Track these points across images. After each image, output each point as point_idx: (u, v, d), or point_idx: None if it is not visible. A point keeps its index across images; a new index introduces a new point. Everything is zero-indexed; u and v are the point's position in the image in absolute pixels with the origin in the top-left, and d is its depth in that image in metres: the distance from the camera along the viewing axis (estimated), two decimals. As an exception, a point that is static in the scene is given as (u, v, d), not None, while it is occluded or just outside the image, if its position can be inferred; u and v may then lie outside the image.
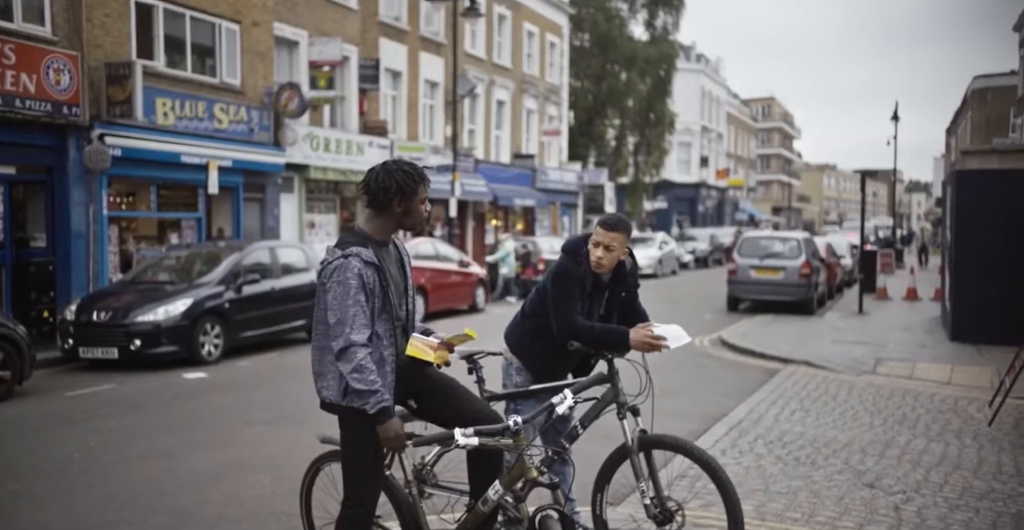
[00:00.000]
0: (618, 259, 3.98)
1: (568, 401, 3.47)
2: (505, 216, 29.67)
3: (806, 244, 17.52)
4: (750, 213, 64.62)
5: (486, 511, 3.45)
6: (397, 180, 3.27)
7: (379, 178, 3.28)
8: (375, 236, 3.34)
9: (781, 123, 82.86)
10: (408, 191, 3.28)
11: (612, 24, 38.10)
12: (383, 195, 3.27)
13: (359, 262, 3.18)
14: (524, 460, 3.34)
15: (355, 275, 3.16)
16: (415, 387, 3.49)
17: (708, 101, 55.34)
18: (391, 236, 3.42)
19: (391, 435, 3.18)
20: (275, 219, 17.96)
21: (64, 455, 6.49)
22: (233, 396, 8.91)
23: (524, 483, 3.38)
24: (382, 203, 3.29)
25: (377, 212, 3.33)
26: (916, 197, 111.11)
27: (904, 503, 5.16)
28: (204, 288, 11.30)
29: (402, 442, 3.22)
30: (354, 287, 3.15)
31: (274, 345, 12.21)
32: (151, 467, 6.14)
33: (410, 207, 3.31)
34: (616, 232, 3.91)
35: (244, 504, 5.32)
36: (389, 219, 3.33)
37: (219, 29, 16.47)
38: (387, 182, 3.27)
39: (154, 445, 6.75)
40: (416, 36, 23.87)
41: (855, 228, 26.25)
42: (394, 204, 3.29)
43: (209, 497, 5.46)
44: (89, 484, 5.75)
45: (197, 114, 15.69)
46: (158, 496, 5.48)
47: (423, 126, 24.65)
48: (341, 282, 3.17)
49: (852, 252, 25.27)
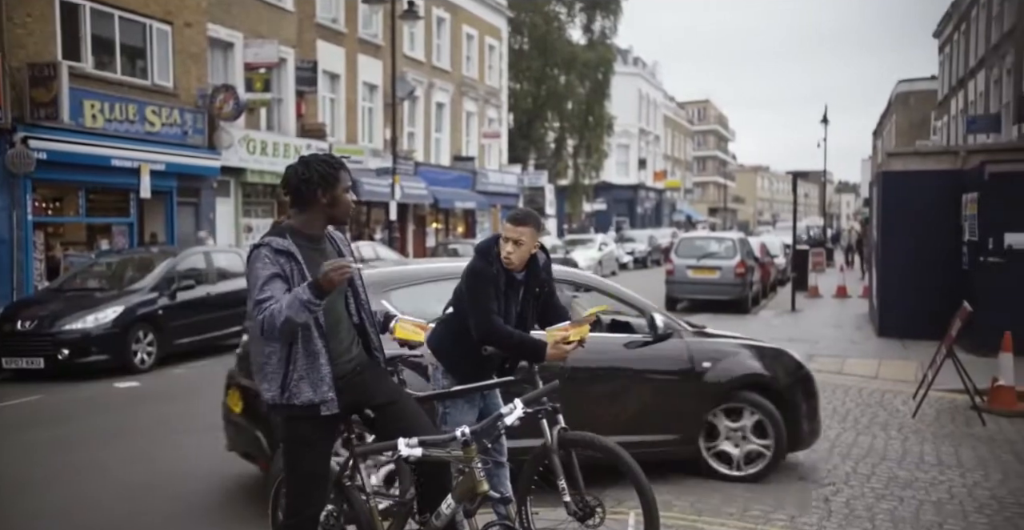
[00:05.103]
0: (528, 254, 3.99)
1: (518, 412, 3.42)
2: (446, 219, 29.62)
3: (741, 244, 17.93)
4: (687, 214, 65.74)
5: (439, 526, 3.41)
6: (318, 170, 3.26)
7: (299, 172, 3.28)
8: (304, 230, 3.31)
9: (716, 126, 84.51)
10: (330, 179, 3.27)
11: (551, 27, 38.42)
12: (306, 187, 3.26)
13: (269, 251, 3.19)
14: (475, 473, 3.29)
15: (263, 262, 3.17)
16: (374, 398, 3.45)
17: (645, 104, 56.14)
18: (324, 231, 3.39)
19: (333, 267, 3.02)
20: (210, 223, 17.61)
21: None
22: (168, 405, 8.71)
23: (475, 497, 3.35)
24: (306, 196, 3.28)
25: (303, 207, 3.32)
26: (846, 197, 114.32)
27: (834, 494, 5.33)
28: (136, 295, 11.03)
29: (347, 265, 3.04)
30: (263, 270, 3.16)
31: (211, 352, 11.96)
32: (81, 480, 5.96)
33: (335, 196, 3.30)
34: (524, 226, 3.93)
35: (180, 516, 5.21)
36: (316, 212, 3.31)
37: (150, 30, 16.10)
38: (307, 173, 3.26)
39: (84, 457, 6.56)
40: (354, 38, 23.69)
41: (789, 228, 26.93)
42: (319, 195, 3.27)
43: (142, 510, 5.33)
44: (14, 500, 5.57)
45: (128, 117, 15.30)
46: (88, 510, 5.33)
47: (362, 129, 24.47)
48: (251, 272, 3.20)
49: (785, 251, 25.92)
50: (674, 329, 5.55)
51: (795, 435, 5.64)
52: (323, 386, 3.23)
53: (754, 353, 5.77)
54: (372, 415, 3.47)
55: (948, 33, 36.48)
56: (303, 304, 3.04)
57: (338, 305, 3.38)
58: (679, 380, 5.51)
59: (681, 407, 5.47)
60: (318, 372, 3.22)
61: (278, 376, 3.22)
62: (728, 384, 5.55)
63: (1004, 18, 25.08)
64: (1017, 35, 23.08)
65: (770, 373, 5.68)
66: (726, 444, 5.57)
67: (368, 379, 3.43)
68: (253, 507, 4.16)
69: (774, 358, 5.85)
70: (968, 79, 31.26)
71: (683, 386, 5.50)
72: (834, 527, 4.78)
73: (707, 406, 5.52)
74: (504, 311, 3.99)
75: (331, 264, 3.04)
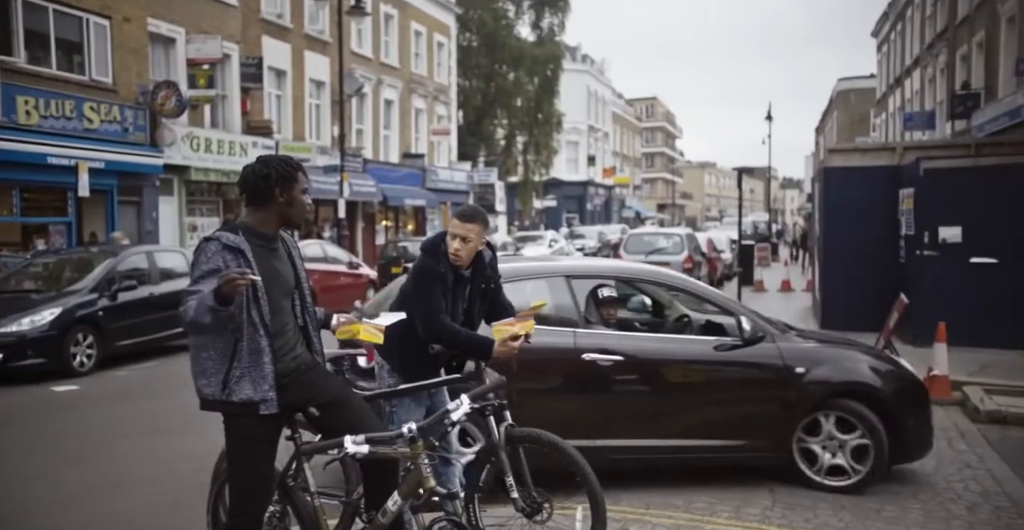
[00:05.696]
0: (475, 250, 4.00)
1: (464, 408, 3.43)
2: (396, 217, 29.44)
3: (688, 240, 18.19)
4: (636, 210, 66.38)
5: (386, 523, 3.40)
6: (276, 168, 3.24)
7: (256, 170, 3.25)
8: (257, 228, 3.27)
9: (664, 123, 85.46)
10: (288, 178, 3.25)
11: (499, 24, 38.44)
12: (263, 184, 3.23)
13: (217, 245, 3.14)
14: (421, 469, 3.29)
15: (206, 256, 3.12)
16: (318, 397, 3.41)
17: (594, 101, 56.51)
18: (277, 230, 3.35)
19: (226, 279, 2.91)
20: (153, 222, 17.24)
21: (-82, 479, 6.04)
22: (108, 408, 8.50)
23: (422, 493, 3.34)
24: (263, 194, 3.24)
25: (258, 206, 3.28)
26: (790, 193, 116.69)
27: (778, 485, 5.43)
28: (75, 296, 10.73)
29: (238, 279, 2.93)
30: (204, 264, 3.11)
31: (154, 353, 11.71)
32: (15, 488, 5.78)
33: (292, 196, 3.27)
34: (472, 223, 3.94)
35: (119, 521, 5.09)
36: (271, 212, 3.28)
37: (87, 24, 15.67)
38: (265, 171, 3.23)
39: (19, 464, 6.36)
40: (300, 34, 23.38)
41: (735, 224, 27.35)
42: (276, 193, 3.24)
43: (78, 517, 5.19)
44: (-53, 509, 5.39)
45: (64, 113, 14.88)
46: (20, 518, 5.17)
47: (309, 126, 24.17)
48: (194, 262, 3.16)
49: (732, 247, 26.33)
50: (766, 331, 5.38)
51: (900, 447, 5.33)
52: (264, 385, 3.19)
53: (857, 359, 5.54)
54: (316, 413, 3.44)
55: (886, 32, 37.47)
56: (207, 309, 2.97)
57: (285, 305, 3.35)
58: (770, 385, 5.31)
59: (772, 413, 5.28)
60: (261, 370, 3.18)
61: (219, 372, 3.18)
62: (825, 391, 5.29)
63: (937, 19, 25.85)
64: (949, 35, 23.81)
65: (873, 381, 5.38)
66: (821, 453, 5.32)
67: (312, 378, 3.40)
68: (195, 512, 4.08)
69: (879, 364, 5.60)
70: (904, 77, 32.15)
71: (774, 391, 5.30)
72: (777, 517, 4.88)
73: (801, 413, 5.28)
74: (452, 309, 3.99)
75: (225, 276, 2.93)
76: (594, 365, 5.17)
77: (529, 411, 4.82)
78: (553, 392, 5.24)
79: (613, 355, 5.20)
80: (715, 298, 5.73)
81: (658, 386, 5.34)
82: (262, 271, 3.17)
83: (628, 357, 5.23)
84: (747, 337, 5.30)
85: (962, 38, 22.49)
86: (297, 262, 3.42)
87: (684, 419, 5.28)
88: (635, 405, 5.29)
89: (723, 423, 5.31)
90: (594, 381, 5.21)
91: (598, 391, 5.24)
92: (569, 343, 5.23)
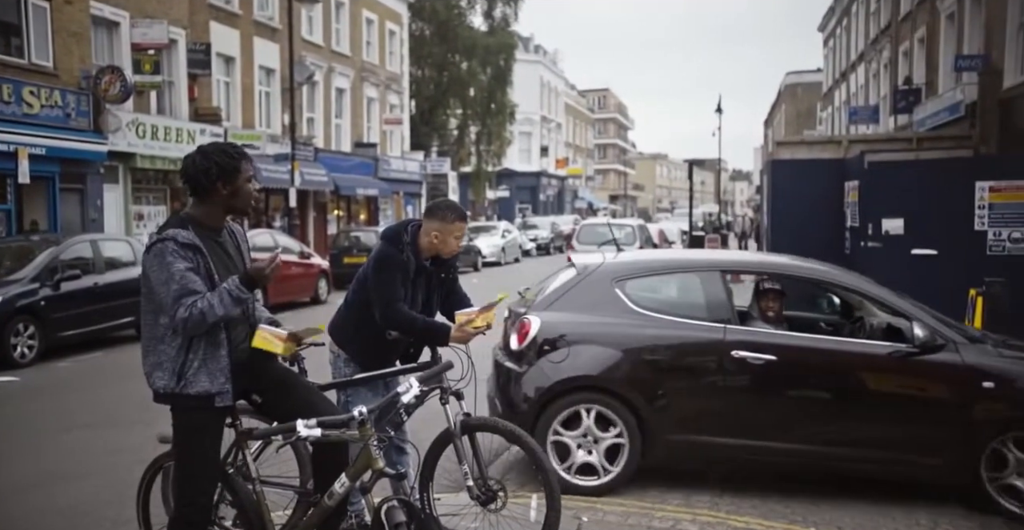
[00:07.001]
0: None
1: (414, 390, 3.44)
2: (348, 206, 29.17)
3: (640, 231, 18.43)
4: (589, 201, 66.80)
5: (332, 505, 3.39)
6: (216, 161, 3.17)
7: (196, 162, 3.18)
8: (204, 221, 3.23)
9: (616, 114, 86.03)
10: (230, 170, 3.19)
11: (452, 13, 38.17)
12: (204, 178, 3.17)
13: (175, 245, 3.09)
14: (370, 451, 3.29)
15: (174, 256, 3.07)
16: (259, 382, 3.40)
17: (547, 92, 56.61)
18: (223, 222, 3.32)
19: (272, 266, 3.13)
20: (98, 211, 16.81)
21: None
22: (50, 400, 8.30)
23: (371, 474, 3.35)
24: (205, 187, 3.19)
25: (202, 198, 3.23)
26: (739, 185, 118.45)
27: (730, 474, 5.54)
28: (14, 286, 10.44)
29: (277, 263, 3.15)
30: (177, 264, 3.06)
31: (99, 344, 11.46)
32: (-44, 482, 5.63)
33: (236, 187, 3.21)
34: (465, 221, 4.12)
35: (61, 515, 4.99)
36: (216, 203, 3.23)
37: (25, 5, 15.16)
38: (206, 164, 3.16)
39: (-41, 458, 6.20)
40: (249, 20, 22.95)
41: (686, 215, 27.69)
42: (219, 187, 3.19)
43: (15, 512, 5.07)
44: None
45: (2, 97, 14.41)
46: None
47: (259, 114, 23.78)
48: (161, 266, 3.07)
49: (683, 237, 26.70)
50: (947, 339, 4.91)
51: None
52: (220, 377, 3.18)
53: None
54: (259, 400, 3.43)
55: (831, 27, 38.20)
56: (235, 300, 3.08)
57: None
58: (948, 399, 4.93)
59: (951, 429, 4.83)
60: (218, 363, 3.17)
61: (175, 364, 3.14)
62: (1019, 410, 4.81)
63: (881, 14, 26.45)
64: (892, 31, 24.38)
65: None
66: (1016, 479, 4.80)
67: (253, 364, 3.36)
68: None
69: None
70: (850, 72, 32.85)
71: (954, 406, 4.87)
72: (727, 504, 4.99)
73: (990, 432, 4.80)
74: (411, 298, 4.00)
75: (267, 263, 3.12)
76: (743, 362, 5.00)
77: (676, 403, 5.01)
78: (700, 388, 5.10)
79: (764, 353, 4.99)
80: (883, 298, 5.24)
81: (811, 389, 5.09)
82: (215, 264, 3.16)
83: (780, 357, 4.98)
84: (921, 344, 4.88)
85: (904, 34, 23.05)
86: (245, 252, 3.39)
87: (850, 429, 4.94)
88: (783, 407, 5.05)
89: (894, 436, 4.91)
90: (742, 379, 5.04)
91: (746, 390, 5.06)
92: (718, 338, 5.09)
